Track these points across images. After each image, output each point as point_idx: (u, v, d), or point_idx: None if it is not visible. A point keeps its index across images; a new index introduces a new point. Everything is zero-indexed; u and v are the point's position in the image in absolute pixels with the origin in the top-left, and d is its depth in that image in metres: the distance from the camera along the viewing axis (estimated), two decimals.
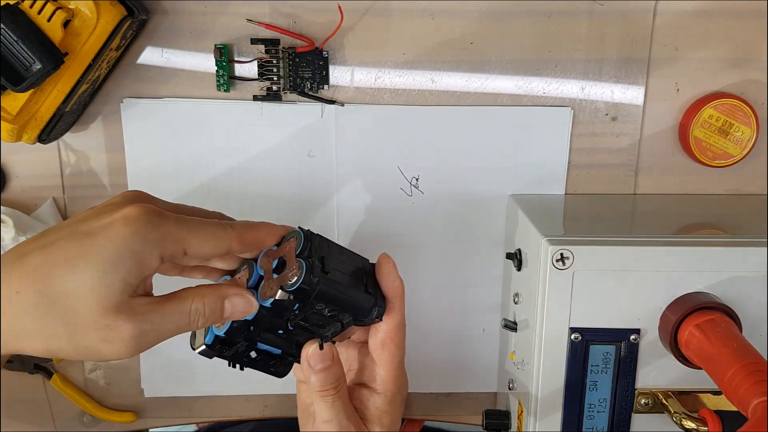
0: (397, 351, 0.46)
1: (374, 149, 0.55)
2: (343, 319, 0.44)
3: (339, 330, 0.44)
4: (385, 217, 0.56)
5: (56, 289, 0.37)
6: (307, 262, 0.41)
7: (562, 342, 0.46)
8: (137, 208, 0.38)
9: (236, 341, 0.42)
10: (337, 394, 0.45)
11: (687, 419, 0.45)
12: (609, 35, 0.53)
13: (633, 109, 0.55)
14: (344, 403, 0.46)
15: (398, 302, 0.45)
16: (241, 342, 0.43)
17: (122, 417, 0.60)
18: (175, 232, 0.39)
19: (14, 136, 0.48)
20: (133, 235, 0.37)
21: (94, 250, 0.37)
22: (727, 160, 0.55)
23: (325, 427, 0.46)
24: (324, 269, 0.42)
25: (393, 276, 0.45)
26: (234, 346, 0.42)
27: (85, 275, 0.36)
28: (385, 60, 0.54)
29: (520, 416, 0.52)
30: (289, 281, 0.41)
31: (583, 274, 0.45)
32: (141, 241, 0.37)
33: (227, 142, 0.55)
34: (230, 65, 0.53)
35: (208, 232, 0.40)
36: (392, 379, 0.47)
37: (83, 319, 0.37)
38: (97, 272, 0.37)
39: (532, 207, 0.52)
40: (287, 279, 0.41)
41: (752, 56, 0.54)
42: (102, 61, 0.48)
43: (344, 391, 0.46)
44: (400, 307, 0.46)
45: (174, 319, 0.39)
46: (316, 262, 0.42)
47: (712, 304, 0.44)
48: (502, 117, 0.55)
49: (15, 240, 0.53)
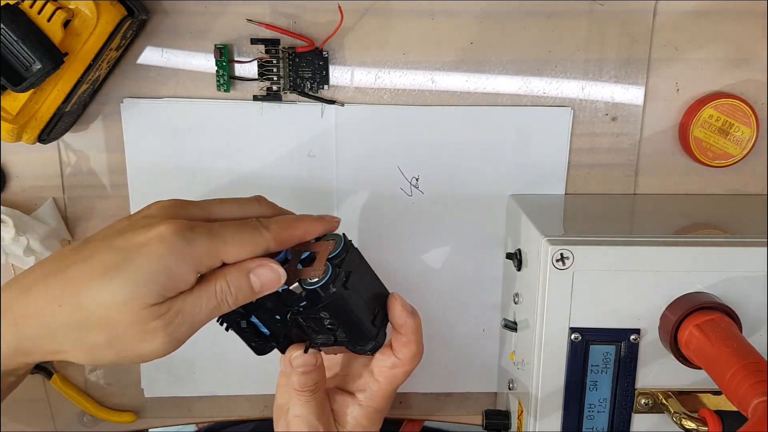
0: (401, 378, 0.47)
1: (374, 149, 0.55)
2: (338, 336, 0.44)
3: (330, 343, 0.44)
4: (385, 217, 0.56)
5: (92, 301, 0.38)
6: (334, 269, 0.41)
7: (562, 342, 0.46)
8: (170, 226, 0.39)
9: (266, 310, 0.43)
10: (312, 396, 0.46)
11: (687, 419, 0.45)
12: (609, 35, 0.53)
13: (633, 109, 0.55)
14: (318, 404, 0.47)
15: (414, 337, 0.46)
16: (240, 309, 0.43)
17: (122, 417, 0.60)
18: (210, 246, 0.39)
19: (14, 136, 0.48)
20: (169, 254, 0.38)
21: (131, 268, 0.38)
22: (727, 160, 0.55)
23: (295, 422, 0.47)
24: (345, 284, 0.42)
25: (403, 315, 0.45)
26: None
27: (118, 290, 0.38)
28: (385, 60, 0.54)
29: (520, 416, 0.52)
30: (309, 278, 0.41)
31: (583, 274, 0.45)
32: (176, 260, 0.38)
33: (227, 142, 0.55)
34: (230, 65, 0.53)
35: (244, 240, 0.41)
36: (383, 397, 0.48)
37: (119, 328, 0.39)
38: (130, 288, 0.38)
39: (532, 207, 0.52)
40: (308, 275, 0.41)
41: (752, 56, 0.54)
42: (102, 61, 0.48)
43: (321, 394, 0.47)
44: (418, 342, 0.46)
45: (202, 305, 0.40)
46: (342, 274, 0.42)
47: (712, 304, 0.44)
48: (502, 117, 0.55)
49: (15, 240, 0.53)
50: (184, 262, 0.39)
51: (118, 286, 0.38)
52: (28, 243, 0.53)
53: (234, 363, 0.59)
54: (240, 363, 0.59)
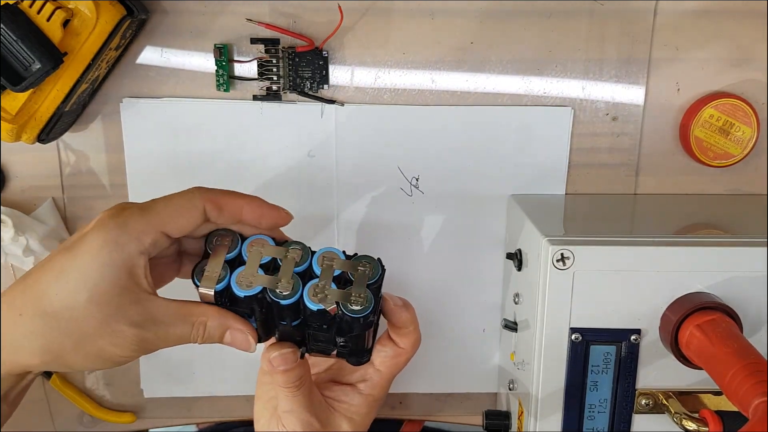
0: (404, 364, 0.47)
1: (374, 149, 0.55)
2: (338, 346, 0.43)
3: (328, 353, 0.44)
4: (385, 217, 0.56)
5: (55, 305, 0.38)
6: (377, 299, 0.41)
7: (562, 342, 0.46)
8: (104, 213, 0.39)
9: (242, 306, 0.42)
10: (298, 390, 0.45)
11: (688, 420, 0.44)
12: (609, 35, 0.53)
13: (633, 108, 0.55)
14: (306, 397, 0.46)
15: (413, 326, 0.46)
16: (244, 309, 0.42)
17: (122, 417, 0.60)
18: (144, 220, 0.39)
19: (14, 136, 0.48)
20: (106, 238, 0.38)
21: (77, 262, 0.38)
22: (727, 160, 0.55)
23: (286, 417, 0.46)
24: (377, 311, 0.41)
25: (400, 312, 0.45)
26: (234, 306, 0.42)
27: (77, 286, 0.38)
28: (385, 60, 0.53)
29: (521, 417, 0.52)
30: (350, 305, 0.40)
31: (583, 274, 0.45)
32: (114, 241, 0.38)
33: (227, 142, 0.55)
34: (230, 65, 0.53)
35: (177, 207, 0.40)
36: (383, 386, 0.48)
37: (87, 329, 0.38)
38: (86, 282, 0.38)
39: (532, 207, 0.52)
40: (349, 302, 0.40)
41: (752, 56, 0.54)
42: (101, 60, 0.48)
43: (308, 386, 0.46)
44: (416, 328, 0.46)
45: (176, 329, 0.40)
46: (380, 302, 0.41)
47: (712, 304, 0.44)
48: (502, 117, 0.55)
49: (14, 240, 0.53)
50: (127, 242, 0.38)
51: (75, 282, 0.38)
52: (27, 243, 0.53)
53: (233, 363, 0.59)
54: (240, 363, 0.58)
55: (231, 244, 0.42)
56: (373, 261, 0.42)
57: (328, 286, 0.41)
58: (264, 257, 0.41)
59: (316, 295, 0.40)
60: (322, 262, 0.41)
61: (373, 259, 0.42)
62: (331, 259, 0.42)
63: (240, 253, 0.42)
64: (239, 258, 0.42)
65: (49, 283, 0.38)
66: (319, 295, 0.40)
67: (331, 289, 0.40)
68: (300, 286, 0.40)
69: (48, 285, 0.38)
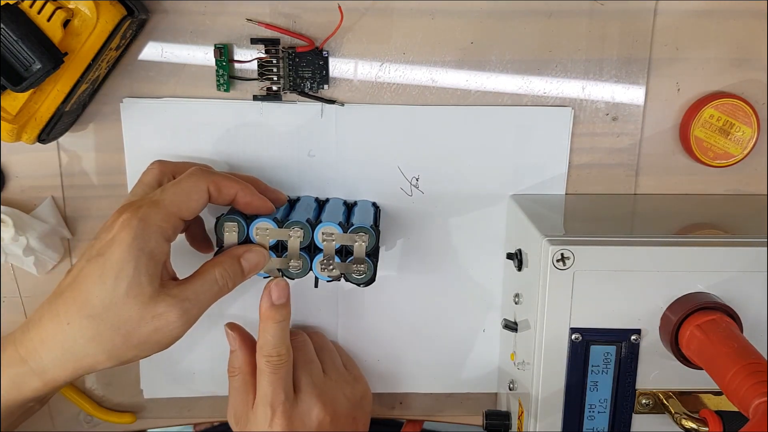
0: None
1: (374, 149, 0.55)
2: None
3: (335, 276, 0.50)
4: (385, 217, 0.56)
5: (98, 307, 0.42)
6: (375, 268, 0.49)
7: (562, 342, 0.46)
8: (124, 215, 0.43)
9: None
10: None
11: (688, 420, 0.44)
12: (609, 35, 0.53)
13: (633, 109, 0.55)
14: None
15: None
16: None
17: (122, 418, 0.60)
18: (162, 210, 0.44)
19: (14, 136, 0.48)
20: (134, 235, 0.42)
21: (111, 262, 0.42)
22: (727, 160, 0.55)
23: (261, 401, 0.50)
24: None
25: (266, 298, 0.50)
26: None
27: (114, 284, 0.42)
28: (385, 60, 0.53)
29: (521, 417, 0.52)
30: (354, 274, 0.49)
31: (583, 274, 0.45)
32: (141, 236, 0.43)
33: (227, 142, 0.55)
34: (230, 65, 0.53)
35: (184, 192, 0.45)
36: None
37: (131, 321, 0.43)
38: (122, 278, 0.42)
39: (532, 207, 0.52)
40: (352, 271, 0.49)
41: (753, 56, 0.54)
42: (102, 60, 0.48)
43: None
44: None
45: (207, 289, 0.45)
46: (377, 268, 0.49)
47: (712, 305, 0.44)
48: (502, 117, 0.55)
49: (15, 239, 0.53)
50: (152, 234, 0.43)
51: (112, 281, 0.42)
52: (27, 242, 0.53)
53: None
54: None
55: (239, 231, 0.48)
56: (369, 231, 0.48)
57: (332, 260, 0.49)
58: (271, 240, 0.48)
59: (323, 269, 0.49)
60: (323, 238, 0.48)
61: (368, 229, 0.48)
62: (331, 234, 0.48)
63: (248, 237, 0.48)
64: (248, 241, 0.48)
65: (90, 289, 0.42)
66: (325, 269, 0.49)
67: (335, 263, 0.49)
68: (308, 263, 0.49)
69: (89, 291, 0.42)
